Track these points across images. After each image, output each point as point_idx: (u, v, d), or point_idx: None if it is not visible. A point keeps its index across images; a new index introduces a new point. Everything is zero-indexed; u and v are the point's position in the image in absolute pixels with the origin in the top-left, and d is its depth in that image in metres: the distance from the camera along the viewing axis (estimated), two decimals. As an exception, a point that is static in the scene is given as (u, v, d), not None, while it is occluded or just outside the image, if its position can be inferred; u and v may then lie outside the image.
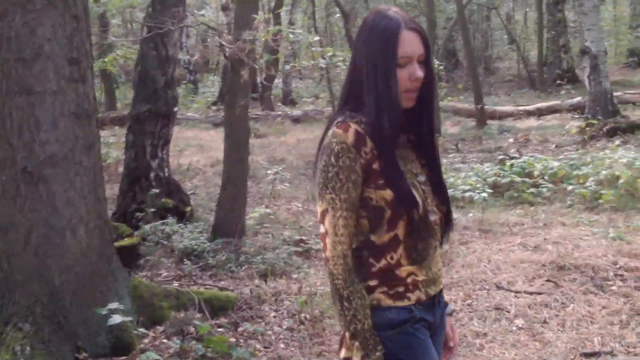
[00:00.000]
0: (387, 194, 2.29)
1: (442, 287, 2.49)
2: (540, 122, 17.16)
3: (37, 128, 4.70)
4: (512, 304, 5.75)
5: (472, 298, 5.93)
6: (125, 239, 7.02)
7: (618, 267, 6.40)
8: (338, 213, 2.29)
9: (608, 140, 13.09)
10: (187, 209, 8.64)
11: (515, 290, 6.05)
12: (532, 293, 5.96)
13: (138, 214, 8.01)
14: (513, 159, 11.03)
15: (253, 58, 7.23)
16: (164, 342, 5.05)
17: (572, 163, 10.28)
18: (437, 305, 2.46)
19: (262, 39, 7.17)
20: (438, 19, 22.67)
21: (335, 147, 2.27)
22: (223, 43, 7.32)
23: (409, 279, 2.36)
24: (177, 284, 6.48)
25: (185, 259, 7.14)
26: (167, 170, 8.77)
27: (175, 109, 8.84)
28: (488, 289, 6.14)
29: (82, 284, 4.86)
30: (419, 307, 2.37)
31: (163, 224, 7.81)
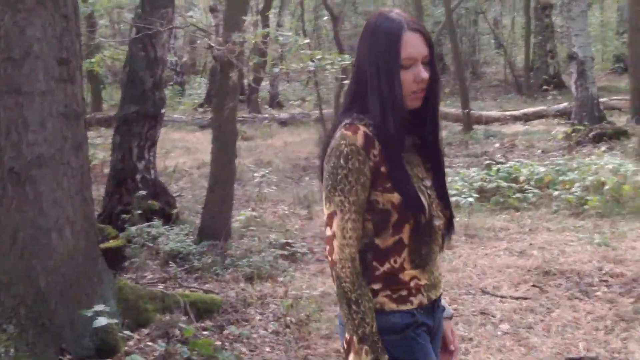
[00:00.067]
0: (394, 198, 2.29)
1: (441, 291, 2.50)
2: (527, 127, 17.21)
3: (25, 128, 4.67)
4: (497, 309, 5.77)
5: (457, 303, 5.94)
6: (111, 241, 6.99)
7: (603, 272, 6.44)
8: (347, 216, 2.28)
9: (594, 146, 13.15)
10: (173, 211, 8.62)
11: (501, 295, 6.07)
12: (517, 298, 5.99)
13: (124, 216, 7.98)
14: (499, 164, 11.05)
15: (242, 60, 7.22)
16: (149, 344, 5.03)
17: (558, 169, 10.32)
18: (436, 310, 2.47)
19: (251, 41, 7.16)
20: (426, 23, 22.72)
21: (345, 149, 2.26)
22: (212, 45, 7.31)
23: (412, 283, 2.36)
24: (162, 287, 6.46)
25: (171, 262, 7.12)
26: (153, 172, 8.75)
27: (163, 111, 8.83)
28: (474, 294, 6.16)
29: (67, 286, 4.83)
30: (421, 311, 2.38)
31: (149, 226, 7.78)
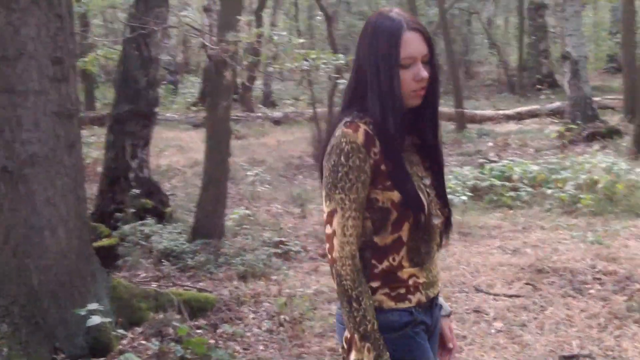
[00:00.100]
0: (394, 196, 2.29)
1: (439, 289, 2.51)
2: (520, 126, 17.23)
3: (18, 127, 4.67)
4: (491, 307, 5.78)
5: (451, 301, 5.94)
6: (104, 240, 6.98)
7: (596, 270, 6.46)
8: (347, 213, 2.28)
9: (587, 145, 13.19)
10: (166, 210, 8.61)
11: (494, 293, 6.08)
12: (511, 296, 6.00)
13: (117, 214, 7.97)
14: (492, 163, 11.08)
15: (236, 59, 7.22)
16: (143, 343, 5.02)
17: (551, 167, 10.34)
18: (434, 308, 2.48)
19: (246, 41, 7.16)
20: (419, 23, 22.64)
21: (346, 146, 2.26)
22: (207, 44, 7.30)
23: (411, 281, 2.37)
24: (155, 285, 6.45)
25: (164, 260, 7.11)
26: (146, 171, 8.74)
27: (156, 110, 8.82)
28: (467, 292, 6.17)
29: (61, 285, 4.83)
30: (419, 309, 2.38)
31: (142, 225, 7.77)
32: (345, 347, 2.36)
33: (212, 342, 5.15)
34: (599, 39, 29.67)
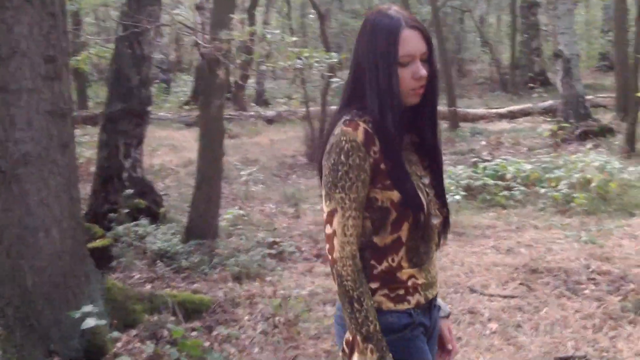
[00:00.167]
0: (394, 195, 2.28)
1: (437, 290, 2.50)
2: (513, 124, 17.25)
3: (11, 126, 4.64)
4: (485, 308, 5.77)
5: (446, 301, 5.89)
6: (98, 240, 6.94)
7: (591, 270, 6.45)
8: (347, 213, 2.27)
9: (580, 144, 13.22)
10: (160, 210, 8.58)
11: (489, 294, 6.07)
12: (505, 296, 5.99)
13: (111, 215, 7.94)
14: (486, 162, 11.07)
15: (229, 58, 7.19)
16: (138, 345, 5.00)
17: (544, 166, 10.35)
18: (433, 309, 2.48)
19: (238, 39, 7.14)
20: (412, 21, 22.61)
21: (345, 145, 2.25)
22: (199, 42, 7.28)
23: (410, 282, 2.36)
24: (150, 287, 6.43)
25: (159, 261, 7.08)
26: (140, 171, 8.71)
27: (149, 108, 8.79)
28: (461, 292, 6.16)
29: (55, 286, 4.80)
30: (418, 310, 2.38)
31: (136, 225, 7.74)
32: (347, 349, 2.34)
33: (207, 344, 5.13)
34: (591, 37, 29.74)
